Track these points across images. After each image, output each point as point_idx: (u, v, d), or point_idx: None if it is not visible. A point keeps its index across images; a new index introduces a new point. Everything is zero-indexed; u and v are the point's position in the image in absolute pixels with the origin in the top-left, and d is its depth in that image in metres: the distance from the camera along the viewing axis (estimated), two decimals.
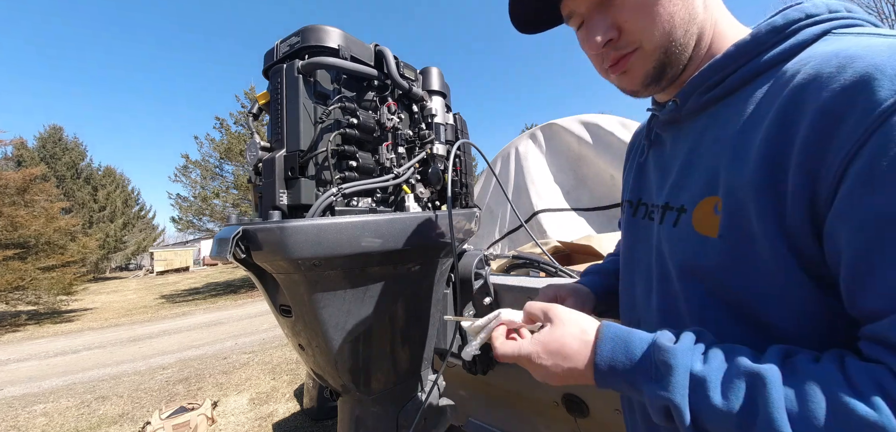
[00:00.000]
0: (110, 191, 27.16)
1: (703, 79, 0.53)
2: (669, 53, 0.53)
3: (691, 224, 0.51)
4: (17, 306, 10.86)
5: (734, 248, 0.46)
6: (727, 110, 0.51)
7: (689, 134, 0.56)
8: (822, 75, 0.40)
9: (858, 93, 0.36)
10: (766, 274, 0.44)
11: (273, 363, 5.43)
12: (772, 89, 0.45)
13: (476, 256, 1.35)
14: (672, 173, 0.58)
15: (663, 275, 0.58)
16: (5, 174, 11.38)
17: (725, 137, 0.49)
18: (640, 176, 0.71)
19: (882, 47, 0.38)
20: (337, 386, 1.12)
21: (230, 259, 0.85)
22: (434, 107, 1.24)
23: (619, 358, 0.48)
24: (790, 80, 0.43)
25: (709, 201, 0.49)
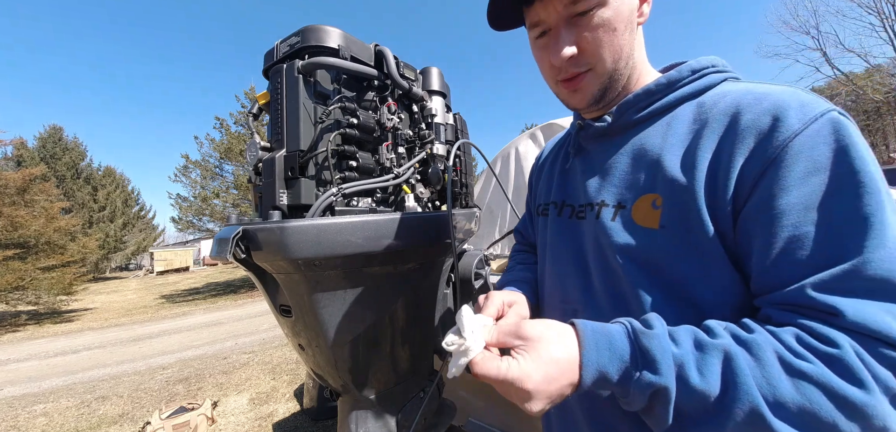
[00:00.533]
0: (110, 191, 27.16)
1: (637, 100, 0.64)
2: (613, 79, 0.64)
3: (632, 218, 0.60)
4: (17, 306, 10.86)
5: (673, 237, 0.55)
6: (657, 127, 0.62)
7: (619, 145, 0.66)
8: (742, 104, 0.53)
9: (774, 119, 0.49)
10: (698, 258, 0.54)
11: (273, 363, 5.43)
12: (698, 113, 0.58)
13: (476, 256, 1.35)
14: (604, 176, 0.67)
15: (603, 263, 0.65)
16: (5, 174, 11.37)
17: (659, 147, 0.59)
18: (564, 181, 0.79)
19: (781, 89, 0.52)
20: (337, 386, 1.12)
21: (230, 259, 0.85)
22: (434, 107, 1.24)
23: (604, 354, 0.48)
24: (714, 106, 0.56)
25: (647, 198, 0.59)
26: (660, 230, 0.56)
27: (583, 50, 0.61)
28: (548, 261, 0.80)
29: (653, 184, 0.58)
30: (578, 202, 0.72)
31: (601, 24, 0.59)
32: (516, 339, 0.52)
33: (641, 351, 0.47)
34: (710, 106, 0.57)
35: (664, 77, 0.63)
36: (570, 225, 0.73)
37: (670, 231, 0.56)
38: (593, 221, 0.66)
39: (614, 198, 0.63)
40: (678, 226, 0.55)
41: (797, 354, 0.43)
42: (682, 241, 0.55)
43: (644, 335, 0.48)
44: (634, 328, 0.49)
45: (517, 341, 0.51)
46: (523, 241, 1.09)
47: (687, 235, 0.54)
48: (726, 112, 0.54)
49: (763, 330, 0.46)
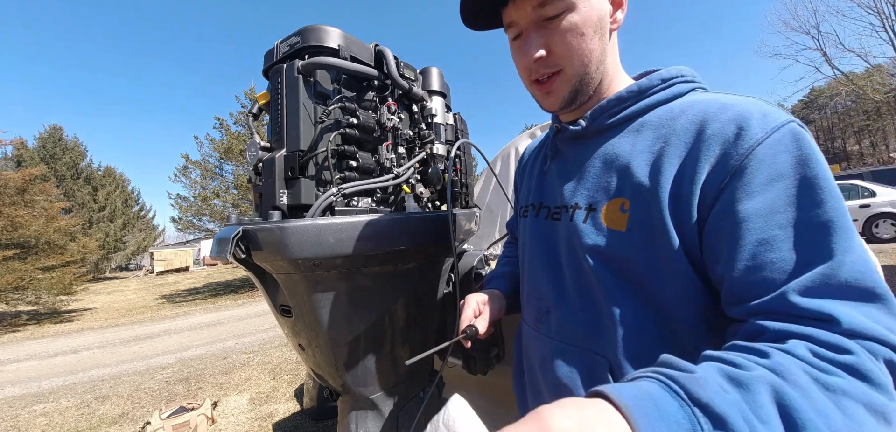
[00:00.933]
0: (110, 191, 27.16)
1: (610, 105, 0.66)
2: (583, 82, 0.66)
3: (601, 220, 0.62)
4: (17, 306, 10.85)
5: (639, 239, 0.57)
6: (627, 132, 0.64)
7: (593, 148, 0.68)
8: (707, 114, 0.55)
9: (738, 128, 0.50)
10: (662, 260, 0.55)
11: (273, 363, 5.43)
12: (665, 121, 0.60)
13: (476, 256, 1.35)
14: (578, 179, 0.69)
15: (575, 262, 0.67)
16: (5, 174, 11.37)
17: (629, 153, 0.61)
18: (542, 183, 0.81)
19: (745, 100, 0.54)
20: (337, 386, 1.12)
21: (230, 259, 0.85)
22: (434, 107, 1.24)
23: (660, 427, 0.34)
24: (682, 114, 0.58)
25: (616, 202, 0.61)
26: (627, 233, 0.58)
27: (552, 52, 0.64)
28: (526, 260, 0.82)
29: (621, 188, 0.61)
30: (554, 204, 0.74)
31: (569, 28, 0.62)
32: None
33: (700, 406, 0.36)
34: (678, 115, 0.58)
35: (635, 84, 0.65)
36: (545, 226, 0.76)
37: (636, 234, 0.58)
38: (567, 223, 0.68)
39: (586, 201, 0.66)
40: (644, 230, 0.57)
41: (823, 369, 0.39)
42: (647, 244, 0.57)
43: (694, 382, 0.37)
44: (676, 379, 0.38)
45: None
46: (513, 237, 1.12)
47: (652, 239, 0.56)
48: (693, 121, 0.55)
49: (776, 351, 0.41)
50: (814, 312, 0.43)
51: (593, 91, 0.68)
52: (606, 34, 0.65)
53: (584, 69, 0.65)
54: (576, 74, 0.65)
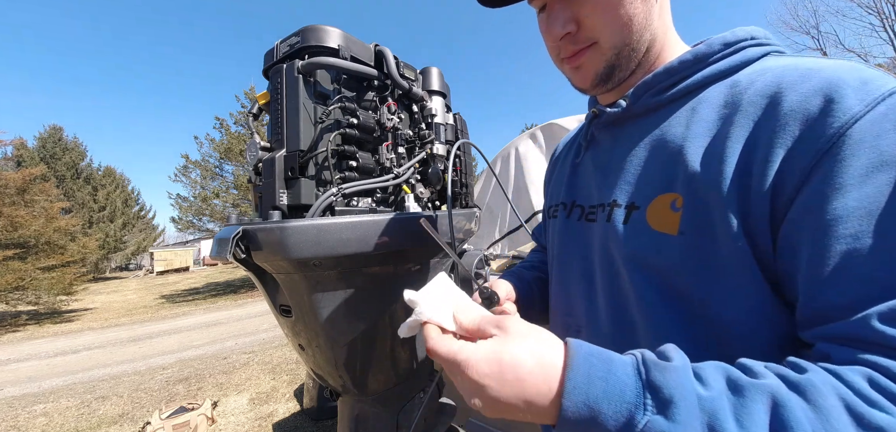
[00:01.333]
0: (110, 191, 27.16)
1: (657, 80, 0.54)
2: (622, 55, 0.55)
3: (646, 221, 0.50)
4: (17, 306, 10.86)
5: (694, 245, 0.46)
6: (680, 112, 0.52)
7: (636, 134, 0.56)
8: (784, 82, 0.43)
9: (825, 100, 0.39)
10: (725, 271, 0.44)
11: (273, 363, 5.43)
12: (730, 95, 0.47)
13: (476, 256, 1.35)
14: (617, 171, 0.57)
15: (611, 274, 0.56)
16: (5, 174, 11.37)
17: (682, 137, 0.49)
18: (574, 178, 0.70)
19: (837, 64, 0.42)
20: (337, 386, 1.12)
21: (230, 259, 0.85)
22: (434, 107, 1.24)
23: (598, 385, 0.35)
24: (749, 87, 0.46)
25: (665, 198, 0.49)
26: (678, 236, 0.47)
27: (583, 24, 0.53)
28: (555, 269, 0.71)
29: (672, 181, 0.49)
30: (589, 202, 0.63)
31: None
32: (494, 328, 0.43)
33: (652, 389, 0.34)
34: (745, 86, 0.46)
35: (690, 52, 0.52)
36: (578, 228, 0.64)
37: (691, 238, 0.46)
38: (603, 224, 0.57)
39: (627, 197, 0.54)
40: (701, 233, 0.45)
41: (871, 402, 0.32)
42: (704, 252, 0.45)
43: (657, 367, 0.36)
44: (645, 358, 0.37)
45: (493, 330, 0.43)
46: (541, 246, 0.99)
47: (711, 245, 0.44)
48: (764, 92, 0.44)
49: (820, 370, 0.35)
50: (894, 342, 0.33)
51: (637, 64, 0.56)
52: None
53: (624, 39, 0.53)
54: (613, 46, 0.54)
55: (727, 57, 0.51)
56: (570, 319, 0.65)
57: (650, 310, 0.50)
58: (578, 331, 0.62)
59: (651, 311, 0.50)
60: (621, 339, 0.54)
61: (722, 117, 0.47)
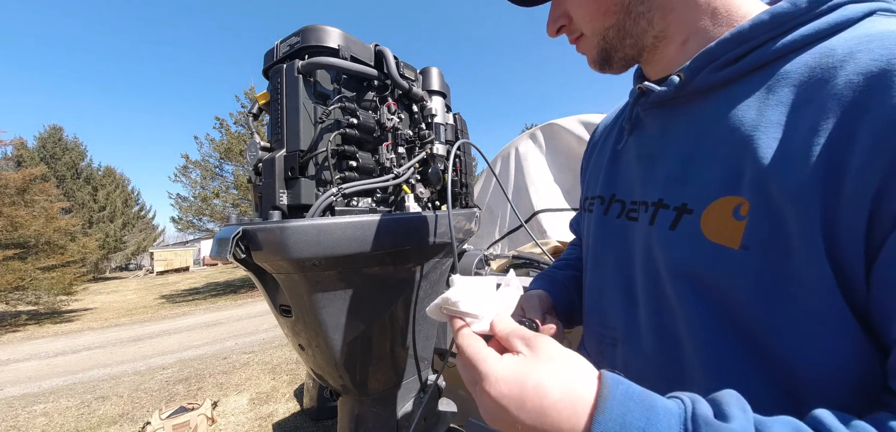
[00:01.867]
0: (110, 191, 27.17)
1: (722, 49, 0.43)
2: (609, 38, 0.52)
3: (700, 229, 0.41)
4: (17, 306, 10.86)
5: (761, 264, 0.37)
6: (752, 92, 0.41)
7: (693, 118, 0.47)
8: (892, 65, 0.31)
9: None
10: (799, 299, 0.36)
11: (273, 363, 5.43)
12: (820, 71, 0.36)
13: (476, 256, 1.35)
14: (666, 164, 0.48)
15: (654, 286, 0.48)
16: (5, 174, 11.38)
17: (752, 124, 0.39)
18: (615, 167, 0.61)
19: None
20: (337, 386, 1.12)
21: (230, 259, 0.85)
22: (434, 107, 1.24)
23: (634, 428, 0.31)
24: (847, 60, 0.35)
25: (726, 202, 0.40)
26: (741, 251, 0.38)
27: (572, 17, 0.53)
28: (589, 268, 0.64)
29: (737, 180, 0.39)
30: (631, 197, 0.55)
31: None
32: (522, 344, 0.39)
33: None
34: (842, 59, 0.35)
35: (767, 12, 0.41)
36: (617, 226, 0.56)
37: (758, 254, 0.37)
38: (646, 226, 0.49)
39: (678, 197, 0.45)
40: (770, 249, 0.37)
41: None
42: (774, 273, 0.37)
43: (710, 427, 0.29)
44: (696, 413, 0.31)
45: (521, 346, 0.39)
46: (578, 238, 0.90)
47: (784, 265, 0.36)
48: (868, 70, 0.33)
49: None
50: None
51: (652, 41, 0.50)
52: None
53: (603, 24, 0.50)
54: (595, 33, 0.52)
55: (818, 17, 0.39)
56: (606, 331, 0.58)
57: (702, 336, 0.42)
58: (614, 345, 0.55)
59: (703, 337, 0.42)
60: (664, 363, 0.47)
61: (808, 100, 0.36)
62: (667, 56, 0.51)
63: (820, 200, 0.34)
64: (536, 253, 1.76)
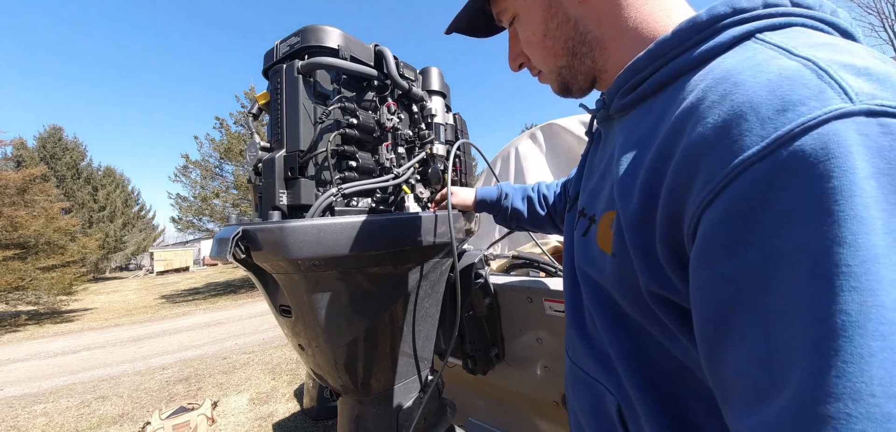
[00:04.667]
0: (110, 191, 27.16)
1: (624, 79, 0.48)
2: (563, 76, 0.58)
3: (595, 236, 0.50)
4: (17, 306, 10.86)
5: (622, 268, 0.43)
6: (637, 117, 0.46)
7: (613, 136, 0.53)
8: (704, 102, 0.33)
9: (723, 134, 0.30)
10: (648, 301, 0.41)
11: (273, 363, 5.43)
12: (668, 102, 0.40)
13: (476, 256, 1.35)
14: (594, 177, 0.57)
15: (576, 284, 0.58)
16: (5, 174, 11.38)
17: (621, 148, 0.45)
18: (581, 171, 0.71)
19: (771, 74, 0.30)
20: (337, 386, 1.12)
21: (230, 259, 0.85)
22: (434, 107, 1.24)
23: None
24: (684, 98, 0.37)
25: (609, 216, 0.46)
26: (611, 257, 0.45)
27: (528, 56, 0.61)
28: None
29: (611, 196, 0.46)
30: (581, 203, 0.62)
31: (522, 34, 0.58)
32: None
33: None
34: (685, 95, 0.37)
35: (657, 41, 0.43)
36: (570, 225, 0.66)
37: (620, 260, 0.43)
38: (578, 231, 0.58)
39: (592, 208, 0.54)
40: (626, 258, 0.42)
41: None
42: (632, 276, 0.41)
43: None
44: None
45: None
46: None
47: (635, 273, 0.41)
48: (685, 112, 0.35)
49: None
50: None
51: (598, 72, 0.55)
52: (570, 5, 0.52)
53: (556, 64, 0.57)
54: (550, 72, 0.59)
55: (697, 44, 0.39)
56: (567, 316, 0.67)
57: (604, 326, 0.50)
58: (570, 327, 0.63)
59: (605, 327, 0.50)
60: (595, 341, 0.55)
61: (653, 127, 0.40)
62: (609, 82, 0.56)
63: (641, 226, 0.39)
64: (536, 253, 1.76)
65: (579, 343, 0.58)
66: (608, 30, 0.51)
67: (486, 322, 1.50)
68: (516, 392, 1.62)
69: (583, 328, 0.57)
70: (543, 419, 1.61)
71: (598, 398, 0.52)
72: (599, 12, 0.51)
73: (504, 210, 1.13)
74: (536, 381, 1.47)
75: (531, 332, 1.44)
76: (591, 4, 0.51)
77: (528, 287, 1.37)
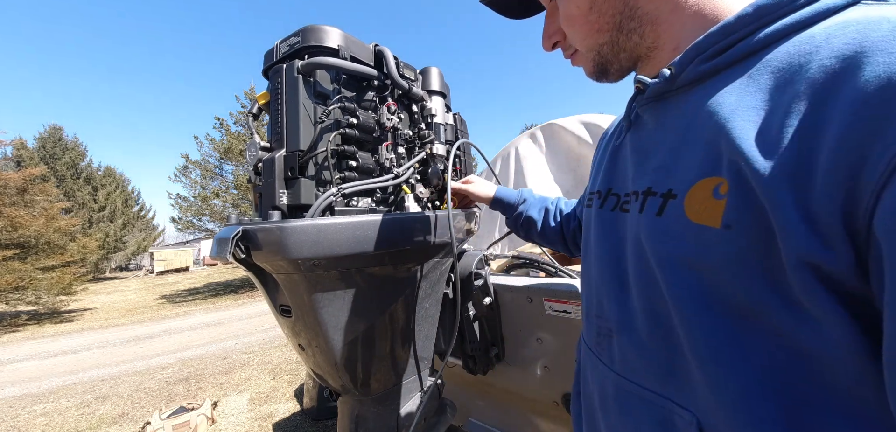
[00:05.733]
0: (110, 191, 27.15)
1: (709, 41, 0.44)
2: (603, 53, 0.55)
3: (683, 211, 0.42)
4: (17, 306, 10.86)
5: (744, 242, 0.37)
6: (734, 80, 0.42)
7: (682, 109, 0.47)
8: (870, 40, 0.31)
9: None
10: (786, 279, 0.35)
11: (273, 363, 5.43)
12: (797, 57, 0.36)
13: (476, 256, 1.35)
14: (658, 155, 0.50)
15: (644, 273, 0.48)
16: (5, 174, 11.37)
17: (731, 108, 0.40)
18: (614, 163, 0.63)
19: None
20: (337, 387, 1.12)
21: (230, 259, 0.85)
22: (434, 107, 1.24)
23: None
24: (823, 45, 0.35)
25: (707, 183, 0.40)
26: (722, 230, 0.38)
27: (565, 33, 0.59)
28: (584, 265, 0.68)
29: (716, 162, 0.40)
30: (625, 190, 0.56)
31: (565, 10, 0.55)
32: None
33: None
34: (818, 45, 0.35)
35: (751, 4, 0.41)
36: (612, 219, 0.58)
37: (739, 233, 0.37)
38: (636, 215, 0.50)
39: (664, 184, 0.46)
40: (751, 228, 0.36)
41: None
42: (758, 251, 0.36)
43: None
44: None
45: None
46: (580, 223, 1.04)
47: (767, 243, 0.35)
48: (840, 55, 0.32)
49: None
50: None
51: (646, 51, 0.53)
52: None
53: (597, 40, 0.54)
54: (589, 49, 0.56)
55: (800, 8, 0.39)
56: (602, 323, 0.59)
57: (691, 320, 0.42)
58: (610, 336, 0.56)
59: (692, 321, 0.42)
60: (657, 349, 0.47)
61: (783, 84, 0.36)
62: (661, 62, 0.53)
63: (791, 184, 0.33)
64: (536, 253, 1.76)
65: (637, 352, 0.50)
66: (664, 5, 0.49)
67: (486, 322, 1.50)
68: (516, 392, 1.62)
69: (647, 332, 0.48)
70: (543, 419, 1.61)
71: (668, 418, 0.45)
72: None
73: (518, 216, 1.14)
74: (536, 381, 1.47)
75: (531, 332, 1.44)
76: None
77: (528, 287, 1.37)
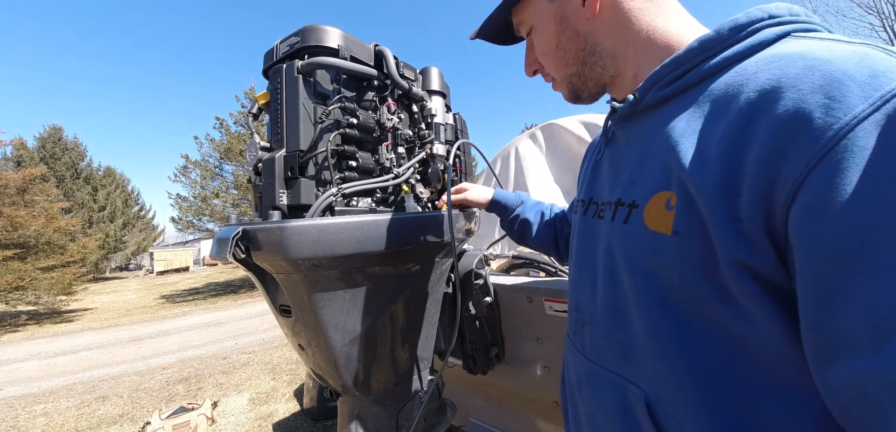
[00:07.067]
0: (110, 191, 27.14)
1: (664, 72, 0.52)
2: (575, 83, 0.65)
3: (643, 220, 0.50)
4: (17, 306, 10.85)
5: (689, 246, 0.44)
6: (683, 105, 0.49)
7: (645, 129, 0.56)
8: (786, 76, 0.38)
9: (824, 98, 0.34)
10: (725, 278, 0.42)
11: (273, 363, 5.43)
12: (732, 86, 0.43)
13: (476, 256, 1.34)
14: (625, 169, 0.58)
15: (611, 273, 0.57)
16: (5, 174, 11.37)
17: (680, 132, 0.47)
18: (595, 175, 0.71)
19: (850, 53, 0.36)
20: (337, 387, 1.12)
21: (230, 259, 0.85)
22: (434, 107, 1.24)
23: None
24: (752, 77, 0.41)
25: (661, 197, 0.48)
26: (673, 236, 0.45)
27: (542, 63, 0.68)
28: (570, 267, 0.77)
29: (668, 178, 0.47)
30: (602, 199, 0.64)
31: (538, 46, 0.66)
32: None
33: None
34: (749, 76, 0.42)
35: (697, 40, 0.49)
36: (592, 225, 0.66)
37: (686, 239, 0.44)
38: (609, 222, 0.58)
39: (630, 195, 0.54)
40: (695, 235, 0.43)
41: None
42: (702, 255, 0.43)
43: None
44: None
45: None
46: None
47: (707, 248, 0.42)
48: (764, 87, 0.39)
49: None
50: None
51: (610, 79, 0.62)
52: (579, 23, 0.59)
53: (569, 71, 0.64)
54: (563, 79, 0.66)
55: (737, 42, 0.46)
56: (579, 315, 0.68)
57: (647, 314, 0.50)
58: (584, 327, 0.65)
59: (648, 312, 0.49)
60: (620, 339, 0.56)
61: (720, 112, 0.43)
62: (625, 87, 0.62)
63: (723, 196, 0.40)
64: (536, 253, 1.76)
65: (602, 339, 0.59)
66: (619, 42, 0.59)
67: (486, 322, 1.50)
68: (516, 392, 1.62)
69: (610, 323, 0.57)
70: (543, 419, 1.60)
71: (624, 395, 0.53)
72: (609, 26, 0.59)
73: (515, 219, 1.15)
74: (536, 381, 1.47)
75: (531, 332, 1.44)
76: (601, 20, 0.58)
77: (528, 287, 1.37)
